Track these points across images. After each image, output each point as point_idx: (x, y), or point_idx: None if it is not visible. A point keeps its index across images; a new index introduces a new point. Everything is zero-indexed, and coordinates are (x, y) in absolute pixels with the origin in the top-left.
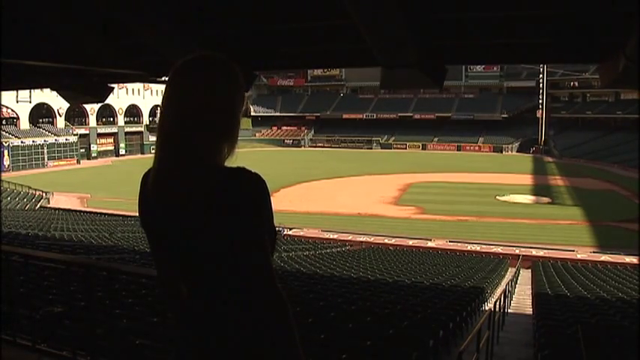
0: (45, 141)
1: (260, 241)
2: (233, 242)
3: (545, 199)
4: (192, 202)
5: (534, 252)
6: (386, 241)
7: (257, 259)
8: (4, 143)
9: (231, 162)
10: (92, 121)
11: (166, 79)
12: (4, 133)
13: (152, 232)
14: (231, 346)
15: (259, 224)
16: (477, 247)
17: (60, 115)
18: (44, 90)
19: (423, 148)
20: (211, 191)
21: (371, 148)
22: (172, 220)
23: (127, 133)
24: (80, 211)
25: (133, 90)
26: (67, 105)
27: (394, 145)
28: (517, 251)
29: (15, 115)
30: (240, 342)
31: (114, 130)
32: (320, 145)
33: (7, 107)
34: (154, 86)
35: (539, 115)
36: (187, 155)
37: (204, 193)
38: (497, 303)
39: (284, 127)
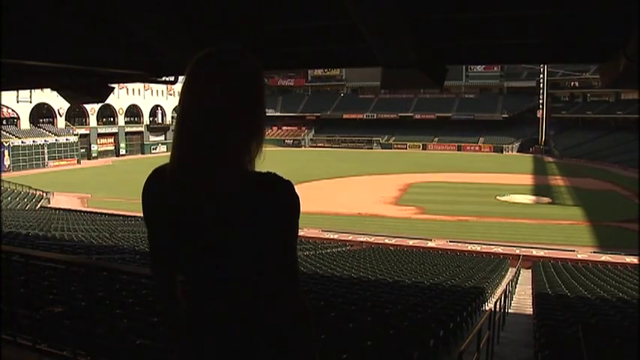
0: (45, 141)
1: (289, 251)
2: (260, 250)
3: (546, 199)
4: (218, 206)
5: (535, 252)
6: (386, 241)
7: (284, 267)
8: (4, 143)
9: (259, 162)
10: (92, 121)
11: (167, 78)
12: (4, 133)
13: (162, 232)
14: (242, 350)
15: (289, 234)
16: (478, 247)
17: (60, 115)
18: (44, 90)
19: (423, 148)
20: (240, 196)
21: (371, 148)
22: (193, 222)
23: (127, 133)
24: (80, 211)
25: (133, 90)
26: (68, 105)
27: (394, 145)
28: (517, 251)
29: (15, 115)
30: (253, 347)
31: (114, 130)
32: (320, 145)
33: (7, 107)
34: (155, 86)
35: (539, 115)
36: (213, 155)
37: (233, 198)
38: (498, 303)
39: (284, 127)
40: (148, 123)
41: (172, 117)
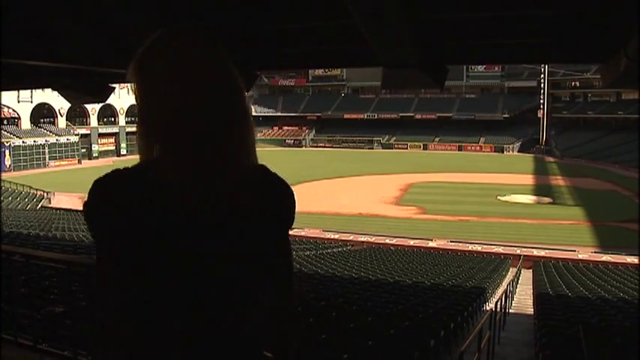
0: (46, 141)
1: (291, 254)
2: (268, 256)
3: (547, 199)
4: (236, 211)
5: (535, 252)
6: (387, 241)
7: (287, 272)
8: (5, 143)
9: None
10: (93, 121)
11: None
12: (5, 133)
13: (163, 253)
14: None
15: (288, 237)
16: (478, 247)
17: (61, 115)
18: (45, 90)
19: (424, 148)
20: (254, 197)
21: (372, 148)
22: (208, 235)
23: (128, 133)
24: (81, 211)
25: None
26: (69, 105)
27: (395, 145)
28: (518, 251)
29: (16, 115)
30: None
31: (115, 130)
32: (321, 145)
33: (8, 107)
34: None
35: (540, 115)
36: (219, 155)
37: (248, 200)
38: (499, 303)
39: (285, 127)
40: None
41: None
